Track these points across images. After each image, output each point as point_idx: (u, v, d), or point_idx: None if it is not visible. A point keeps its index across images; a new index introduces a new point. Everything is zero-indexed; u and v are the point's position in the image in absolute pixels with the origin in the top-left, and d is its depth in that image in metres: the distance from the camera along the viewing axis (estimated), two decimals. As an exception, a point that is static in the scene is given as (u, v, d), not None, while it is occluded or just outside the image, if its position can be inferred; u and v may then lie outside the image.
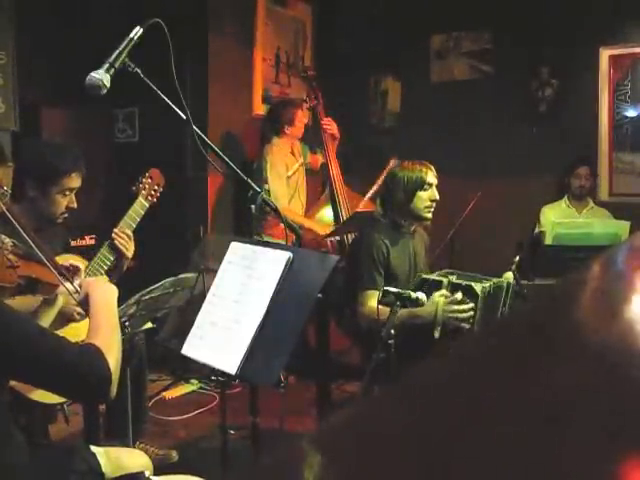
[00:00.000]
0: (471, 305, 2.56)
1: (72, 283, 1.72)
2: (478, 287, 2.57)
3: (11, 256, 1.72)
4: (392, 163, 3.92)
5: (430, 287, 2.62)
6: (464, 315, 2.56)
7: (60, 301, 1.76)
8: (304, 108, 4.43)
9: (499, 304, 2.74)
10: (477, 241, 4.47)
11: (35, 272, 1.77)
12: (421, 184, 2.84)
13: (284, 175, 4.26)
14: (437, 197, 2.88)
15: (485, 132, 4.88)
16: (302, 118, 4.35)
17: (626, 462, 0.32)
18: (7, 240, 1.74)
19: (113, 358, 1.44)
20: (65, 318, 1.96)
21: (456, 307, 2.55)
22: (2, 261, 1.69)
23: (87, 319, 1.65)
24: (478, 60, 5.05)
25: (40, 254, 1.72)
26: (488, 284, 2.65)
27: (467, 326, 2.56)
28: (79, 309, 1.88)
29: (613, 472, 0.31)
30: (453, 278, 2.64)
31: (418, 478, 0.34)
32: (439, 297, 2.57)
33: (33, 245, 1.74)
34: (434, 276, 2.72)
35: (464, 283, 2.60)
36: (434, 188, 2.88)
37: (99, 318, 1.56)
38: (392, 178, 2.92)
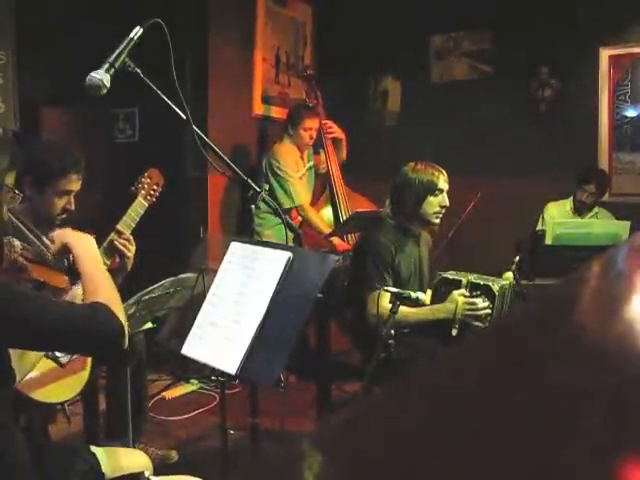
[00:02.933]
0: (488, 304, 2.62)
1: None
2: (496, 287, 2.64)
3: (21, 259, 1.70)
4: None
5: (449, 286, 2.70)
6: (481, 313, 2.62)
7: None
8: (315, 117, 4.35)
9: (505, 304, 2.75)
10: (477, 241, 4.47)
11: (44, 276, 1.75)
12: (432, 189, 2.78)
13: (297, 174, 4.26)
14: (447, 203, 2.82)
15: (485, 132, 4.88)
16: (310, 124, 4.30)
17: (627, 462, 0.32)
18: (17, 243, 1.72)
19: (119, 310, 1.50)
20: None
21: (474, 306, 2.62)
22: (12, 264, 1.68)
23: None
24: (478, 60, 5.05)
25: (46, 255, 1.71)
26: (504, 283, 2.71)
27: (484, 325, 2.61)
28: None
29: (614, 472, 0.31)
30: (472, 277, 2.70)
31: (418, 478, 0.34)
32: (458, 295, 2.63)
33: (41, 245, 1.73)
34: (454, 275, 2.75)
35: (482, 283, 2.66)
36: (444, 194, 2.82)
37: (94, 274, 1.60)
38: (404, 180, 2.82)
